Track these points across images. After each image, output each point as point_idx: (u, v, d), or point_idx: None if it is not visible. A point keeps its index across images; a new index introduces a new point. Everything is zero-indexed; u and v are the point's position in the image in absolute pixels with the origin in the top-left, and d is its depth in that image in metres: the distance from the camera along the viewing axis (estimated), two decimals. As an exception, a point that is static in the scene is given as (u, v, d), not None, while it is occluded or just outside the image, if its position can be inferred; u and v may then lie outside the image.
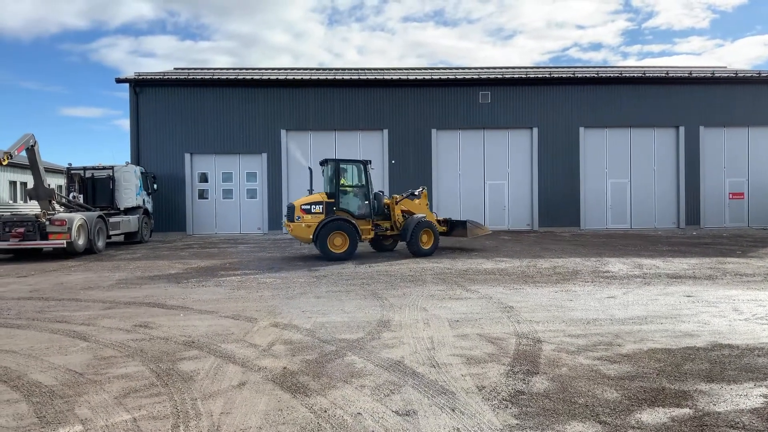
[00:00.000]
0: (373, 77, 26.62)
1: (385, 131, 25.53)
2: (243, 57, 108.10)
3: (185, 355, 6.12)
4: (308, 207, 14.92)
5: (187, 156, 25.33)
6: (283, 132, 25.45)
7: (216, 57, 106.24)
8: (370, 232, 15.59)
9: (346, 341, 6.58)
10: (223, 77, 26.13)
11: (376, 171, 25.50)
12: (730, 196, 26.45)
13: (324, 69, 32.37)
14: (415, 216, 15.73)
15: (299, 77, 26.33)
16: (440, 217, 17.29)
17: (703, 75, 26.73)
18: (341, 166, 15.49)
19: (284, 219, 15.85)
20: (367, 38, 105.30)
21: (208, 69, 30.64)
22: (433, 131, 25.62)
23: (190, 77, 26.25)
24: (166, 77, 26.54)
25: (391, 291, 10.07)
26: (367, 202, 15.48)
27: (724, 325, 7.31)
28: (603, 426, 4.16)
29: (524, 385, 5.05)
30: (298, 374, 5.39)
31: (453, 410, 4.48)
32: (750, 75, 27.03)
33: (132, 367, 5.72)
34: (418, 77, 26.62)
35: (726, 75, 26.96)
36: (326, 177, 15.80)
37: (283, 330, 7.18)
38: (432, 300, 9.19)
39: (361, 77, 26.61)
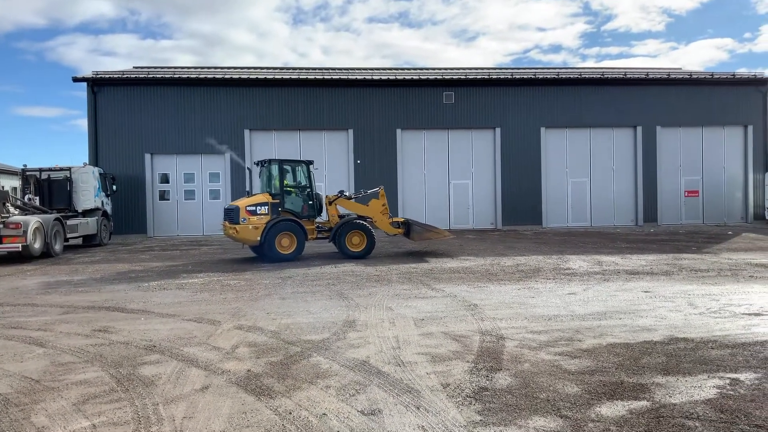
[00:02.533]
0: (338, 77, 26.55)
1: (350, 131, 25.49)
2: (206, 56, 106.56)
3: (146, 359, 6.00)
4: (254, 208, 14.59)
5: (148, 156, 24.81)
6: (246, 132, 25.15)
7: (178, 56, 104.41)
8: (313, 232, 15.46)
9: (311, 342, 6.56)
10: (184, 76, 25.68)
11: (342, 170, 25.56)
12: (686, 194, 27.28)
13: (288, 68, 32.16)
14: (346, 217, 15.55)
15: (263, 76, 26.08)
16: (400, 218, 16.87)
17: (659, 76, 27.52)
18: (284, 166, 15.40)
19: (224, 222, 15.29)
20: (332, 38, 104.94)
21: (169, 68, 30.07)
22: (398, 131, 25.71)
23: (150, 76, 25.71)
24: (125, 76, 25.93)
25: (357, 291, 10.07)
26: (311, 203, 15.38)
27: (680, 320, 7.55)
28: (564, 420, 4.25)
29: (488, 382, 5.12)
30: (262, 376, 5.35)
31: (418, 408, 4.51)
32: (703, 77, 27.92)
33: (91, 372, 5.58)
34: (383, 77, 26.67)
35: (681, 77, 27.80)
36: (264, 177, 15.48)
37: (248, 332, 7.11)
38: (398, 299, 9.22)
39: (325, 77, 26.51)
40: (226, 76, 25.94)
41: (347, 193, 16.31)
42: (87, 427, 4.24)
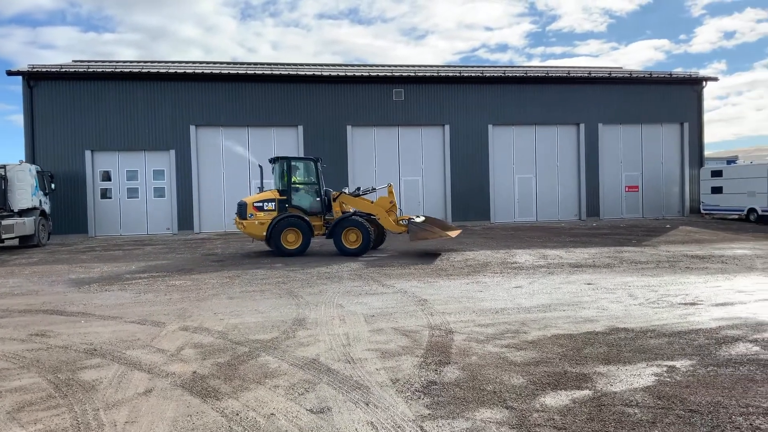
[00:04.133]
0: (287, 72, 26.25)
1: (300, 127, 25.26)
2: (151, 50, 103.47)
3: (86, 363, 5.79)
4: (261, 204, 15.11)
5: (88, 153, 23.90)
6: (192, 128, 24.56)
7: (121, 50, 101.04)
8: (321, 228, 15.49)
9: (259, 342, 6.47)
10: (126, 70, 24.82)
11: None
12: (626, 189, 28.31)
13: (236, 63, 31.56)
14: (345, 213, 15.40)
15: (209, 71, 25.50)
16: (408, 216, 16.11)
17: (601, 75, 28.44)
18: (293, 163, 15.60)
19: (235, 217, 15.73)
20: (281, 34, 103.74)
21: (111, 62, 29.04)
22: (349, 127, 25.64)
23: (90, 70, 24.72)
24: (63, 70, 24.84)
25: (307, 289, 10.00)
26: (318, 199, 15.50)
27: (620, 310, 7.82)
28: (510, 411, 4.34)
29: (436, 376, 5.18)
30: (208, 378, 5.24)
31: (367, 404, 4.52)
32: (642, 76, 29.02)
33: (27, 379, 5.34)
34: (333, 73, 26.54)
35: (621, 75, 28.81)
36: (276, 174, 15.78)
37: (193, 333, 6.95)
38: (348, 296, 9.21)
39: (274, 72, 26.17)
40: (171, 71, 25.24)
41: (346, 190, 16.19)
42: (21, 437, 4.06)
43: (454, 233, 15.72)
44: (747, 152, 38.78)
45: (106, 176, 24.42)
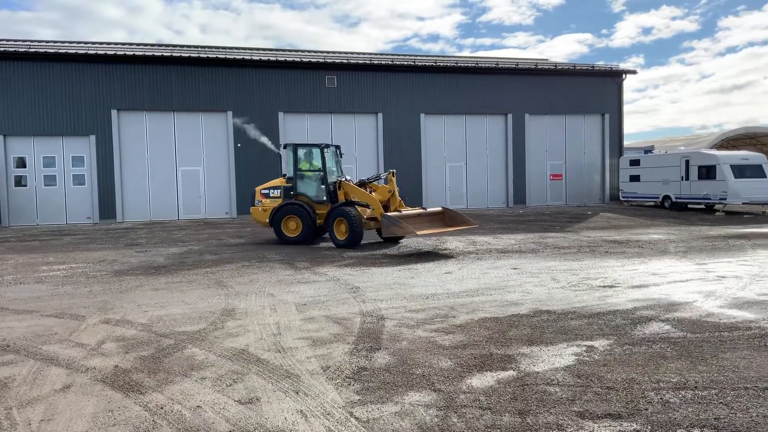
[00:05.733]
0: (215, 56, 25.48)
1: (230, 113, 24.61)
2: (70, 30, 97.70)
3: (-3, 361, 5.45)
4: (267, 191, 15.24)
5: (0, 138, 22.38)
6: (114, 112, 23.45)
7: (38, 29, 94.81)
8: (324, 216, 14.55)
9: (186, 333, 6.30)
10: (42, 50, 23.36)
11: (221, 155, 24.67)
12: (551, 178, 29.40)
13: (161, 45, 30.33)
14: (340, 203, 14.45)
15: (132, 53, 24.38)
16: (414, 208, 14.88)
17: (528, 67, 29.28)
18: (299, 149, 15.15)
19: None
20: (210, 16, 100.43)
21: (25, 41, 27.22)
22: (281, 114, 25.23)
23: (2, 50, 23.09)
24: (-32, 48, 23.11)
25: (237, 278, 9.81)
26: (323, 186, 14.84)
27: (543, 294, 8.13)
28: (437, 393, 4.44)
29: (367, 362, 5.21)
30: (131, 372, 5.05)
31: (297, 393, 4.50)
32: (567, 68, 30.10)
33: (-72, 380, 4.97)
34: (264, 58, 26.00)
35: (547, 67, 29.77)
36: (285, 161, 15.66)
37: (115, 326, 6.68)
38: (280, 285, 9.10)
39: (201, 55, 25.34)
40: (91, 52, 23.95)
41: (347, 177, 15.32)
42: None
43: (435, 230, 13.72)
44: (662, 142, 41.11)
45: (21, 163, 22.98)
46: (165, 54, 24.66)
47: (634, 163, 27.65)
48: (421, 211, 14.29)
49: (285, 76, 25.48)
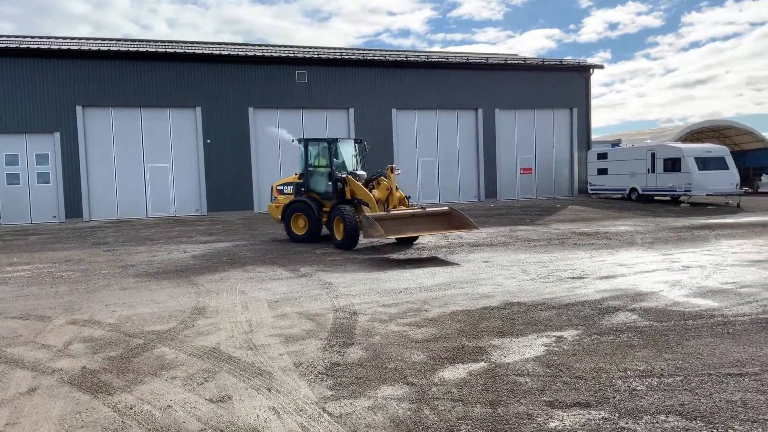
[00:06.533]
0: (183, 51, 25.04)
1: (199, 109, 24.23)
2: (33, 25, 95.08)
3: (-42, 365, 5.30)
4: (282, 188, 15.14)
5: (-42, 136, 21.70)
6: (79, 109, 22.88)
7: (0, 24, 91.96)
8: None
9: (155, 333, 6.20)
10: (3, 46, 22.65)
11: (191, 151, 24.29)
12: (521, 171, 29.71)
13: (128, 40, 29.70)
14: (345, 201, 13.74)
15: (97, 48, 23.81)
16: (413, 206, 13.74)
17: (497, 62, 29.48)
18: (309, 145, 14.67)
19: None
20: (178, 11, 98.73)
21: (-19, 35, 26.37)
22: (251, 110, 24.94)
23: (-44, 43, 22.36)
24: None
25: (208, 276, 9.70)
26: (330, 183, 13.98)
27: (514, 286, 8.23)
28: (410, 387, 4.46)
29: (340, 357, 5.21)
30: (99, 373, 4.96)
31: (269, 390, 4.47)
32: (536, 63, 30.38)
33: None
34: (233, 53, 25.63)
35: (516, 62, 29.99)
36: (301, 156, 14.98)
37: (83, 327, 6.55)
38: (252, 282, 9.03)
39: (168, 50, 24.88)
40: (54, 47, 23.32)
41: (358, 173, 14.43)
42: None
43: (409, 234, 12.42)
44: (629, 136, 41.89)
45: (-19, 161, 22.28)
46: (131, 49, 24.13)
47: (602, 156, 28.13)
48: (417, 210, 12.62)
49: (255, 71, 25.19)
